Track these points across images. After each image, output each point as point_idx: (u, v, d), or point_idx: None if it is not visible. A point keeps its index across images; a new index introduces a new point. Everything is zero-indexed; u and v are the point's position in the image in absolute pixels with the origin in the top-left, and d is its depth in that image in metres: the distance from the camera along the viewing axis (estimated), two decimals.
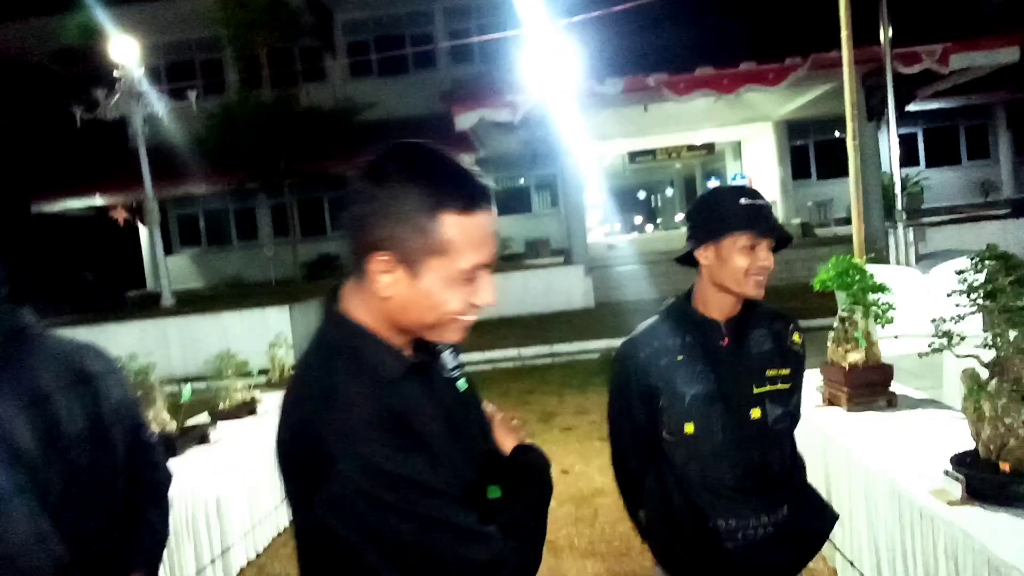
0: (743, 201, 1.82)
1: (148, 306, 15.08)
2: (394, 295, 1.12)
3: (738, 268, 1.81)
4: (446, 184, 1.10)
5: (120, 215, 20.95)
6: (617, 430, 2.06)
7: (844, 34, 5.21)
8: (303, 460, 1.09)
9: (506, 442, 1.33)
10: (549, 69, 12.63)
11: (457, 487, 1.13)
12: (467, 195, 1.11)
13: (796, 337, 1.97)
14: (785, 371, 1.92)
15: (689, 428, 1.86)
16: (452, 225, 1.09)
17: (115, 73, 12.59)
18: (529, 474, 1.29)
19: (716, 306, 1.90)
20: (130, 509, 1.79)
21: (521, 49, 13.31)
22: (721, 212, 1.83)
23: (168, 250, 19.65)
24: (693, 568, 1.90)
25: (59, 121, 14.00)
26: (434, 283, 1.11)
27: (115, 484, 1.75)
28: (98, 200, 20.03)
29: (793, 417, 1.96)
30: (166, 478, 1.95)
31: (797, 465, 1.98)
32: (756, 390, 1.88)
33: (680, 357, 1.90)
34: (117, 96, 12.52)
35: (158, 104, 12.94)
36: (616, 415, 2.05)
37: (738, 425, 1.86)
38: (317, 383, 1.12)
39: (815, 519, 1.97)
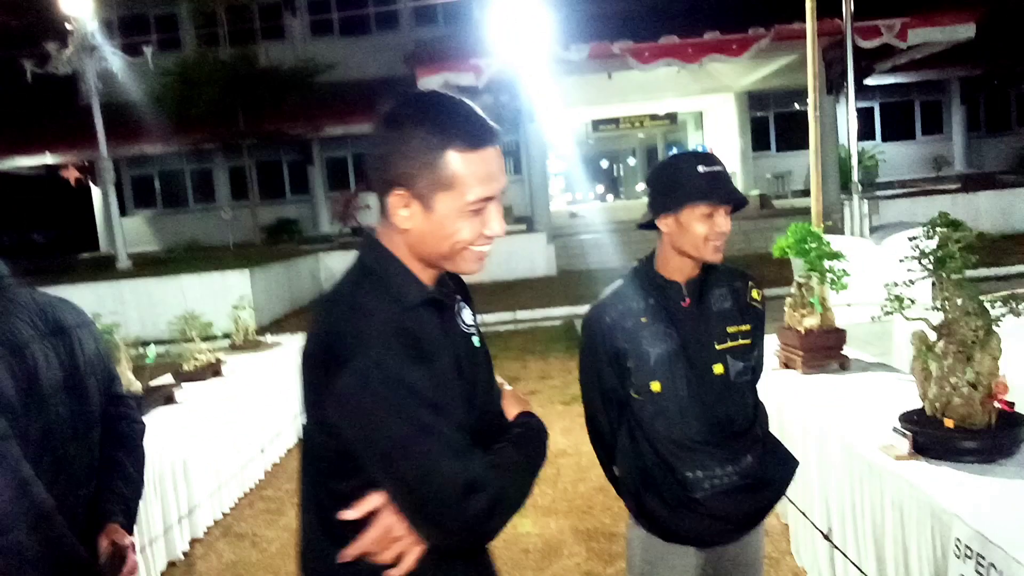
0: (700, 169, 1.87)
1: (102, 268, 14.76)
2: (412, 227, 1.24)
3: (697, 235, 1.88)
4: (451, 124, 1.21)
5: (72, 175, 20.38)
6: (588, 392, 2.13)
7: (808, 5, 5.28)
8: (321, 358, 1.20)
9: (512, 409, 1.41)
10: (514, 33, 12.52)
11: (454, 416, 1.20)
12: (471, 133, 1.22)
13: (755, 294, 2.06)
14: (745, 327, 2.00)
15: (655, 387, 1.94)
16: (458, 161, 1.20)
17: (67, 26, 12.15)
18: (528, 433, 1.37)
19: (677, 269, 1.98)
20: (106, 459, 1.81)
21: (486, 11, 13.16)
22: (679, 182, 1.89)
23: (122, 211, 19.19)
24: (665, 519, 1.98)
25: (7, 75, 13.51)
26: (446, 215, 1.22)
27: (91, 434, 1.77)
28: (48, 159, 19.43)
29: (755, 371, 2.05)
30: (140, 429, 1.98)
31: (759, 416, 2.07)
32: (718, 347, 1.96)
33: (644, 319, 1.97)
34: (70, 50, 12.09)
35: (112, 59, 12.53)
36: (586, 378, 2.12)
37: (701, 381, 1.94)
38: (345, 298, 1.26)
39: (777, 466, 2.06)
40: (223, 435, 4.66)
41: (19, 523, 1.47)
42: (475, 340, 1.39)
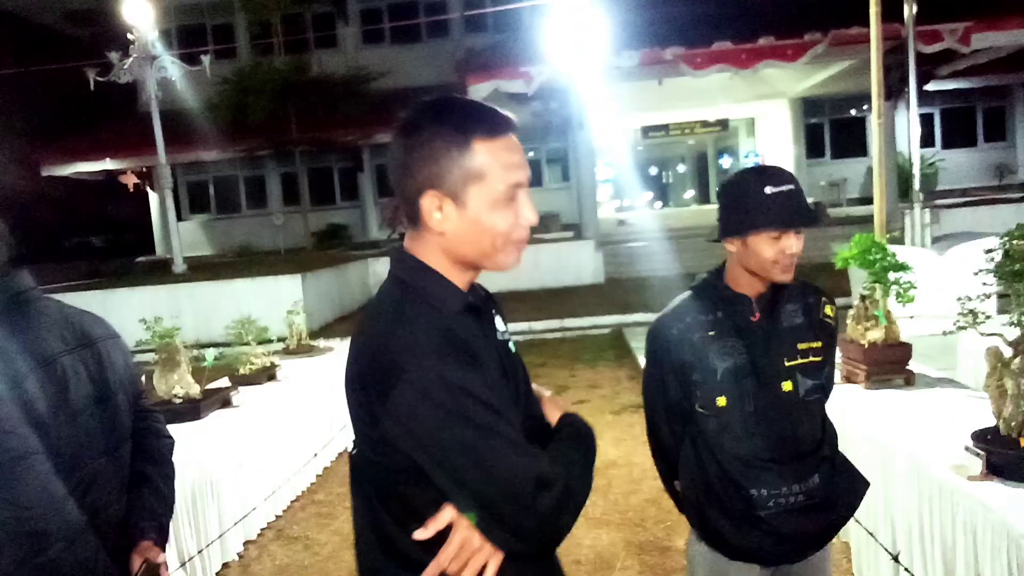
0: (767, 190, 1.81)
1: (159, 272, 15.13)
2: (448, 229, 1.23)
3: (765, 259, 1.84)
4: (472, 117, 1.22)
5: (130, 180, 20.95)
6: (651, 403, 2.10)
7: (873, 9, 5.16)
8: (372, 374, 1.18)
9: (554, 414, 1.39)
10: (564, 40, 12.50)
11: (511, 416, 1.19)
12: (492, 123, 1.23)
13: (828, 310, 2.00)
14: (817, 344, 1.95)
15: (721, 401, 1.90)
16: (484, 151, 1.21)
17: (129, 36, 12.51)
18: (577, 431, 1.36)
19: (747, 284, 1.94)
20: (136, 475, 1.78)
21: (536, 19, 13.17)
22: (745, 204, 1.84)
23: (179, 216, 19.66)
24: (728, 534, 1.93)
25: (72, 83, 13.97)
26: (480, 208, 1.22)
27: (121, 450, 1.74)
28: (109, 164, 20.00)
29: (825, 389, 2.00)
30: (169, 444, 1.94)
31: (828, 435, 2.01)
32: (788, 363, 1.91)
33: (712, 332, 1.93)
34: (130, 59, 12.44)
35: (171, 68, 12.86)
36: (650, 389, 2.09)
37: (770, 398, 1.90)
38: (388, 309, 1.24)
39: (846, 487, 2.00)
40: (278, 439, 4.72)
41: (54, 541, 1.44)
42: (511, 346, 1.38)
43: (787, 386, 1.91)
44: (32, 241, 19.62)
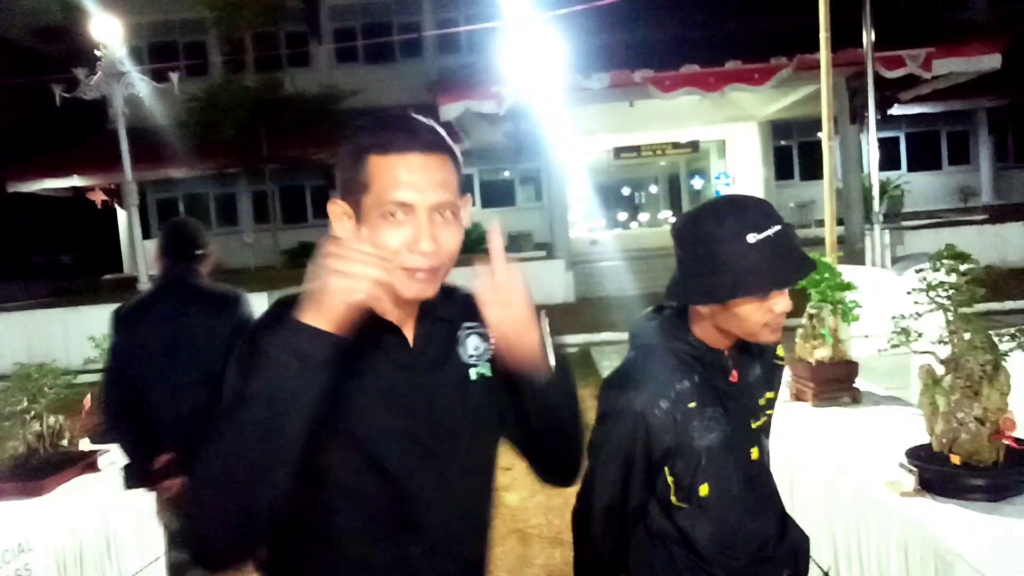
0: (751, 239, 1.41)
1: (124, 290, 14.93)
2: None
3: (753, 322, 1.49)
4: (371, 131, 1.24)
5: (98, 197, 20.71)
6: (597, 503, 1.60)
7: (823, 36, 5.28)
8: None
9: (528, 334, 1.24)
10: (536, 62, 12.61)
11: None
12: (388, 138, 1.21)
13: (780, 351, 1.74)
14: (772, 395, 1.69)
15: (704, 490, 1.55)
16: (375, 164, 1.20)
17: (97, 52, 12.41)
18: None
19: (719, 338, 1.59)
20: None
21: (508, 41, 13.28)
22: (724, 261, 1.44)
23: (147, 234, 19.38)
24: None
25: (38, 99, 13.82)
26: (372, 222, 1.20)
27: (182, 394, 2.94)
28: (76, 181, 19.78)
29: None
30: None
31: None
32: (753, 425, 1.62)
33: (693, 404, 1.55)
34: (98, 75, 12.33)
35: (140, 85, 12.76)
36: (601, 485, 1.59)
37: (746, 474, 1.59)
38: None
39: (804, 550, 1.74)
40: None
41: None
42: (473, 372, 1.31)
43: (755, 453, 1.61)
44: None
